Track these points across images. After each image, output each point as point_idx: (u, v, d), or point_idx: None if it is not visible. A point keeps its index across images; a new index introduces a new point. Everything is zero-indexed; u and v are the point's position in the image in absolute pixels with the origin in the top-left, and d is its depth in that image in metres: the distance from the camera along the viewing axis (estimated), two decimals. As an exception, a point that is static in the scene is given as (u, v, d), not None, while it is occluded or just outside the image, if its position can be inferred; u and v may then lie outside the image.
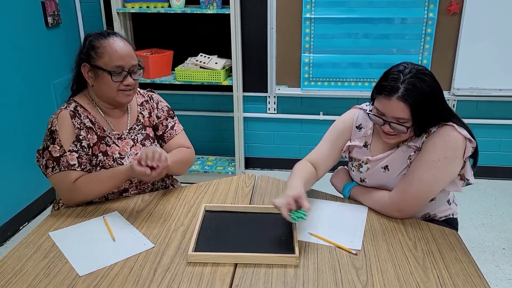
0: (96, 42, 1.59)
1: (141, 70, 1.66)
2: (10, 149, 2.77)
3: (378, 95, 1.47)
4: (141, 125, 1.76)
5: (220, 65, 3.19)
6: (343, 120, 1.69)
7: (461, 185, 1.52)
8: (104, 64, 1.57)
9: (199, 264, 1.28)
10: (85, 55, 1.60)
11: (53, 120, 1.60)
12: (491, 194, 3.31)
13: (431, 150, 1.44)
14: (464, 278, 1.23)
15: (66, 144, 1.57)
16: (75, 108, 1.63)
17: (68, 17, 3.34)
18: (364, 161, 1.63)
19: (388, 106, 1.43)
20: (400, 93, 1.40)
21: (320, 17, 3.23)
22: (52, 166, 1.58)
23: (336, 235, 1.42)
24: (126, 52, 1.59)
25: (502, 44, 3.15)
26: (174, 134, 1.82)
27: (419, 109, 1.40)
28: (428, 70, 1.46)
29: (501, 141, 3.49)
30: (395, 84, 1.41)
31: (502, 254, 2.61)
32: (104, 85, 1.60)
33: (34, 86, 2.97)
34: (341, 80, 3.38)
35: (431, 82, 1.42)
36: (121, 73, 1.59)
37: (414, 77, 1.41)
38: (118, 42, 1.60)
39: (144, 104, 1.80)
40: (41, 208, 3.08)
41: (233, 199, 1.67)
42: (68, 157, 1.57)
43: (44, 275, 1.23)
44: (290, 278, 1.22)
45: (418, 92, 1.39)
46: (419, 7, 3.13)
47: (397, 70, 1.45)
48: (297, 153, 3.71)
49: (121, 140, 1.69)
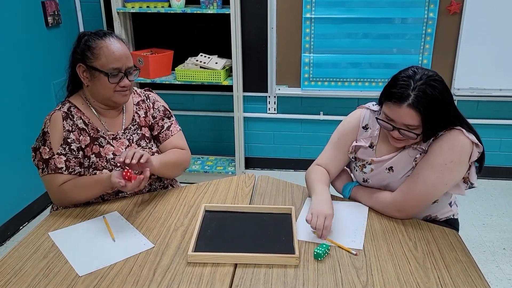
0: (92, 43, 1.56)
1: (136, 71, 1.64)
2: (10, 149, 2.77)
3: (387, 101, 1.43)
4: (137, 125, 1.75)
5: (220, 65, 3.19)
6: (349, 121, 1.67)
7: (464, 188, 1.51)
8: (101, 66, 1.55)
9: (199, 264, 1.27)
10: (81, 55, 1.57)
11: (46, 121, 1.60)
12: (492, 194, 3.31)
13: (438, 153, 1.43)
14: (464, 279, 1.22)
15: (55, 147, 1.57)
16: (69, 109, 1.62)
17: (68, 17, 3.34)
18: (368, 161, 1.62)
19: (398, 113, 1.40)
20: (410, 100, 1.37)
21: (320, 17, 3.22)
22: (42, 168, 1.58)
23: (337, 235, 1.42)
24: (123, 54, 1.58)
25: (502, 44, 3.15)
26: (170, 135, 1.79)
27: (430, 116, 1.38)
28: (439, 75, 1.43)
29: (501, 141, 3.49)
30: (406, 91, 1.38)
31: (503, 254, 2.61)
32: (100, 86, 1.59)
33: (34, 86, 2.97)
34: (341, 80, 3.37)
35: (441, 88, 1.39)
36: (117, 74, 1.57)
37: (425, 84, 1.37)
38: (115, 43, 1.57)
39: (140, 104, 1.78)
40: (41, 208, 3.08)
41: (233, 199, 1.66)
42: (56, 160, 1.56)
43: (43, 275, 1.23)
44: (290, 279, 1.22)
45: (429, 99, 1.37)
46: (419, 7, 3.13)
47: (407, 75, 1.41)
48: (297, 153, 3.71)
49: (116, 140, 1.68)
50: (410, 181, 1.48)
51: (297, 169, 3.74)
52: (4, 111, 2.72)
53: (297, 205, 1.62)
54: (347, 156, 1.68)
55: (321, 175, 1.64)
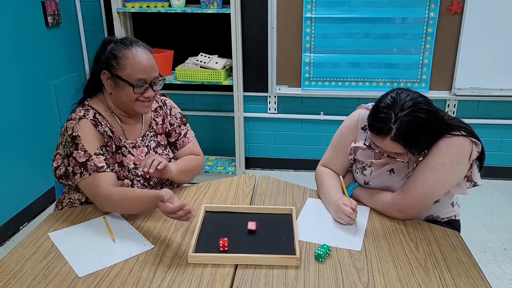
0: (119, 52, 1.52)
1: (162, 81, 1.60)
2: (10, 149, 2.76)
3: (370, 132, 1.43)
4: (154, 132, 1.73)
5: (221, 65, 3.19)
6: (348, 122, 1.67)
7: (467, 187, 1.51)
8: (126, 76, 1.52)
9: (199, 265, 1.27)
10: (106, 63, 1.54)
11: (74, 126, 1.53)
12: (492, 194, 3.31)
13: (437, 154, 1.44)
14: (466, 280, 1.22)
15: (90, 149, 1.52)
16: (94, 117, 1.57)
17: (68, 17, 3.34)
18: (367, 163, 1.61)
19: (382, 144, 1.41)
20: (392, 133, 1.35)
21: (321, 17, 3.22)
22: (80, 172, 1.51)
23: (336, 236, 1.41)
24: (149, 65, 1.54)
25: (503, 44, 3.14)
26: (187, 142, 1.80)
27: (415, 143, 1.38)
28: (422, 96, 1.39)
29: (502, 141, 3.48)
30: (387, 124, 1.35)
31: (504, 255, 2.60)
32: (124, 95, 1.55)
33: (34, 86, 2.97)
34: (341, 80, 3.37)
35: (425, 113, 1.35)
36: (143, 85, 1.54)
37: (406, 115, 1.34)
38: (141, 54, 1.53)
39: (158, 110, 1.76)
40: (41, 208, 3.08)
41: (233, 199, 1.66)
42: (95, 160, 1.51)
43: (43, 276, 1.22)
44: (291, 279, 1.22)
45: (412, 130, 1.34)
46: (420, 7, 3.12)
47: (387, 106, 1.37)
48: (298, 153, 3.71)
49: (136, 148, 1.66)
50: (410, 182, 1.48)
51: (297, 169, 3.73)
52: (4, 111, 2.71)
53: (298, 205, 1.61)
54: (347, 157, 1.68)
55: (334, 180, 1.64)
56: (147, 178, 1.66)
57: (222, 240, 1.31)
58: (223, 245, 1.31)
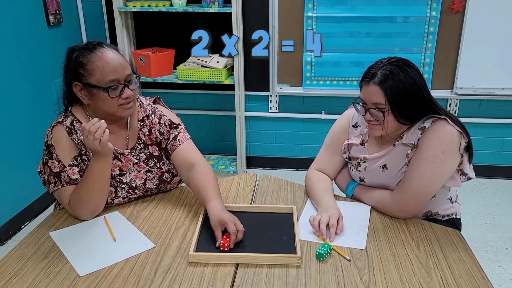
0: (84, 58, 1.44)
1: (137, 78, 1.52)
2: (11, 148, 2.76)
3: (360, 83, 1.53)
4: (143, 144, 1.63)
5: (222, 64, 3.19)
6: (340, 122, 1.72)
7: (461, 180, 1.52)
8: (97, 81, 1.43)
9: (200, 264, 1.27)
10: (74, 74, 1.46)
11: (48, 133, 1.52)
12: (494, 194, 3.30)
13: (427, 146, 1.45)
14: (467, 279, 1.21)
15: (65, 159, 1.49)
16: (71, 124, 1.52)
17: (69, 16, 3.34)
18: (361, 159, 1.63)
19: (366, 91, 1.48)
20: (377, 78, 1.45)
21: (322, 16, 3.21)
22: (54, 182, 1.50)
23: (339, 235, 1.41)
24: (118, 63, 1.45)
25: (505, 43, 3.13)
26: (177, 144, 1.64)
27: (396, 94, 1.43)
28: (412, 62, 1.49)
29: (504, 140, 3.47)
30: (374, 71, 1.47)
31: (505, 254, 2.60)
32: (101, 103, 1.47)
33: (35, 85, 2.97)
34: (343, 79, 3.36)
35: (410, 72, 1.45)
36: (117, 86, 1.45)
37: (392, 64, 1.46)
38: (107, 54, 1.45)
39: (145, 120, 1.64)
40: (43, 207, 3.08)
41: (234, 198, 1.66)
42: (69, 171, 1.49)
43: (44, 275, 1.22)
44: (292, 279, 1.22)
45: (394, 79, 1.43)
46: (421, 6, 3.11)
47: (380, 60, 1.51)
48: (299, 152, 3.70)
49: (124, 156, 1.60)
50: (406, 179, 1.49)
51: (298, 168, 3.73)
52: (5, 111, 2.71)
53: (299, 204, 1.61)
54: (342, 157, 1.69)
55: (323, 183, 1.65)
56: (132, 186, 1.60)
57: (224, 240, 1.31)
58: (223, 244, 1.31)
